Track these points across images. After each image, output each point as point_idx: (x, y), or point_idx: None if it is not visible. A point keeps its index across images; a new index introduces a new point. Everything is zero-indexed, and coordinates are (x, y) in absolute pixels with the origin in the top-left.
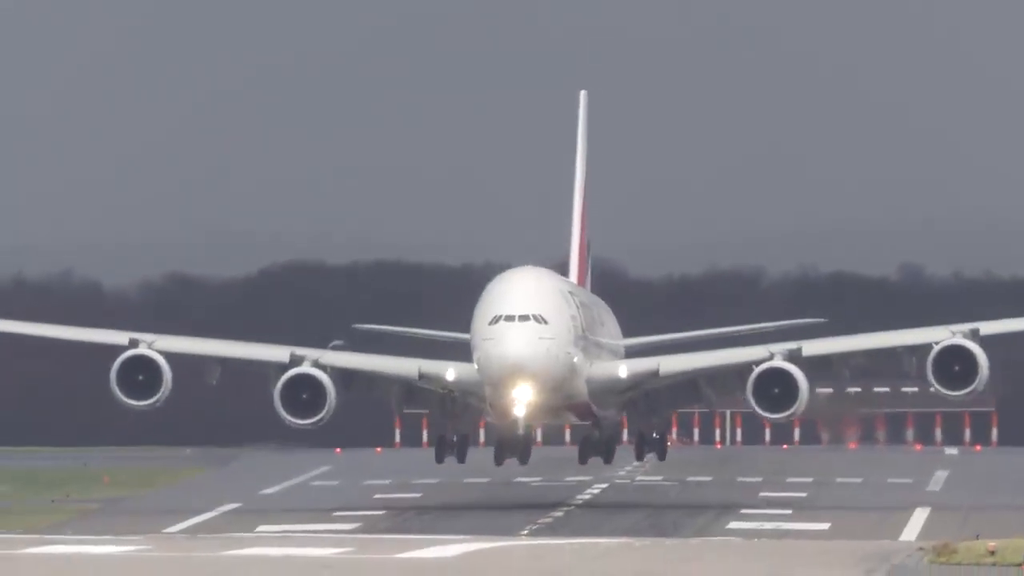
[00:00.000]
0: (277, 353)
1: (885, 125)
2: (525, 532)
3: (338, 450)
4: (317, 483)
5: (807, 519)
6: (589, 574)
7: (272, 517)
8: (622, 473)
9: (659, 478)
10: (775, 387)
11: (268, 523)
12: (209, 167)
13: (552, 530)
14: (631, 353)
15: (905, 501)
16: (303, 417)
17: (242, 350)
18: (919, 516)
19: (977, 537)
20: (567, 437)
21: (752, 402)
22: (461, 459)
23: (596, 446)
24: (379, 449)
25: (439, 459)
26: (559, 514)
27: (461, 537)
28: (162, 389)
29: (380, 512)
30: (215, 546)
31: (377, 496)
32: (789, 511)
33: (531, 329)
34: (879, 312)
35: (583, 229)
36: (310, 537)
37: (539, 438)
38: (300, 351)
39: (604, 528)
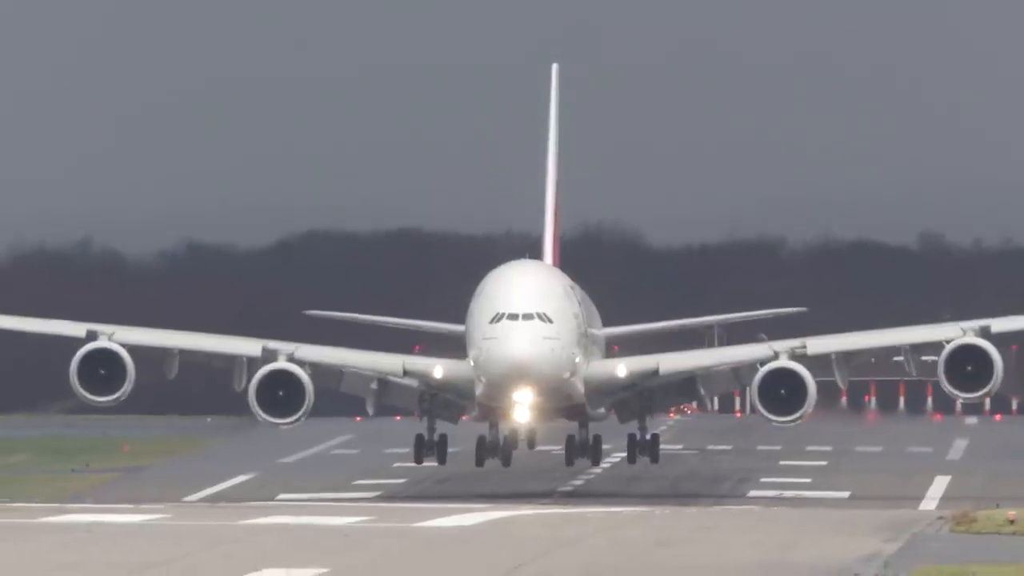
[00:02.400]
0: (248, 346)
1: (904, 92)
2: (546, 501)
3: (358, 418)
4: (337, 452)
5: (827, 488)
6: (610, 542)
7: (292, 486)
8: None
9: (679, 447)
10: (781, 388)
11: (288, 492)
12: (228, 136)
13: (572, 498)
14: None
15: (925, 470)
16: (280, 416)
17: (210, 342)
18: (939, 485)
19: (997, 506)
20: None
21: (758, 404)
22: (442, 460)
23: (583, 447)
24: (398, 417)
25: (418, 460)
26: (579, 482)
27: (481, 506)
28: (125, 383)
29: (400, 481)
30: (235, 515)
31: (397, 465)
32: (809, 480)
33: (536, 329)
34: (899, 281)
35: (557, 208)
36: (330, 506)
37: None
38: (273, 344)
39: (625, 497)
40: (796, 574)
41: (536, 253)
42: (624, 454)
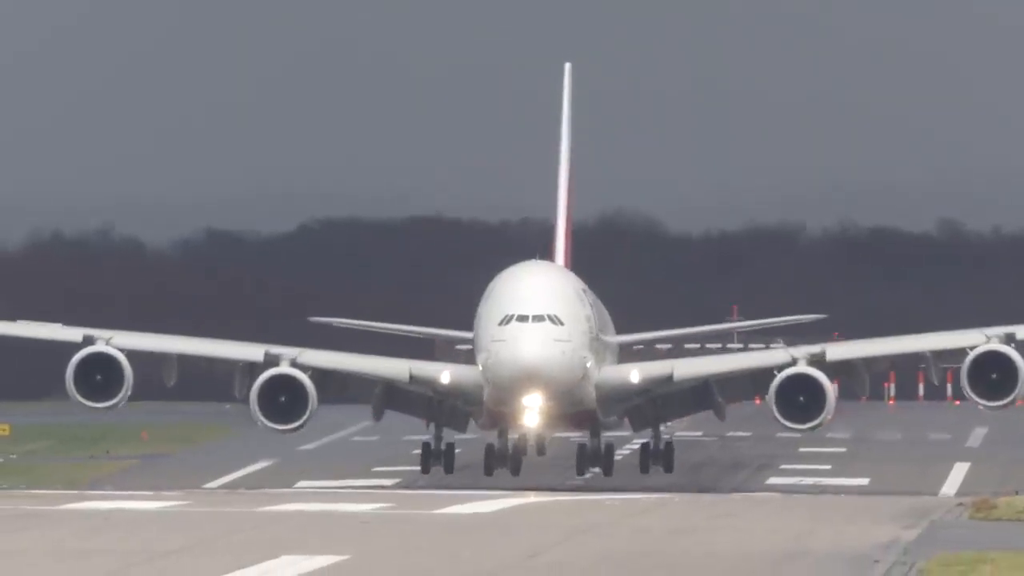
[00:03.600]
0: (250, 351)
1: (923, 78)
2: (565, 488)
3: None
4: (357, 439)
5: (846, 474)
6: (629, 530)
7: (311, 473)
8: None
9: (699, 434)
10: (799, 395)
11: (307, 479)
12: (246, 124)
13: (592, 486)
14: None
15: (944, 456)
16: (282, 422)
17: (210, 347)
18: (958, 471)
19: (1016, 493)
20: None
21: (774, 411)
22: (449, 469)
23: (594, 457)
24: None
25: (424, 469)
26: (598, 469)
27: (500, 493)
28: (124, 388)
29: (419, 468)
30: (254, 502)
31: (416, 452)
32: (829, 466)
33: (546, 331)
34: (918, 267)
35: (569, 210)
36: (349, 493)
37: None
38: (275, 349)
39: (644, 484)
40: (815, 561)
41: (549, 246)
42: (639, 441)
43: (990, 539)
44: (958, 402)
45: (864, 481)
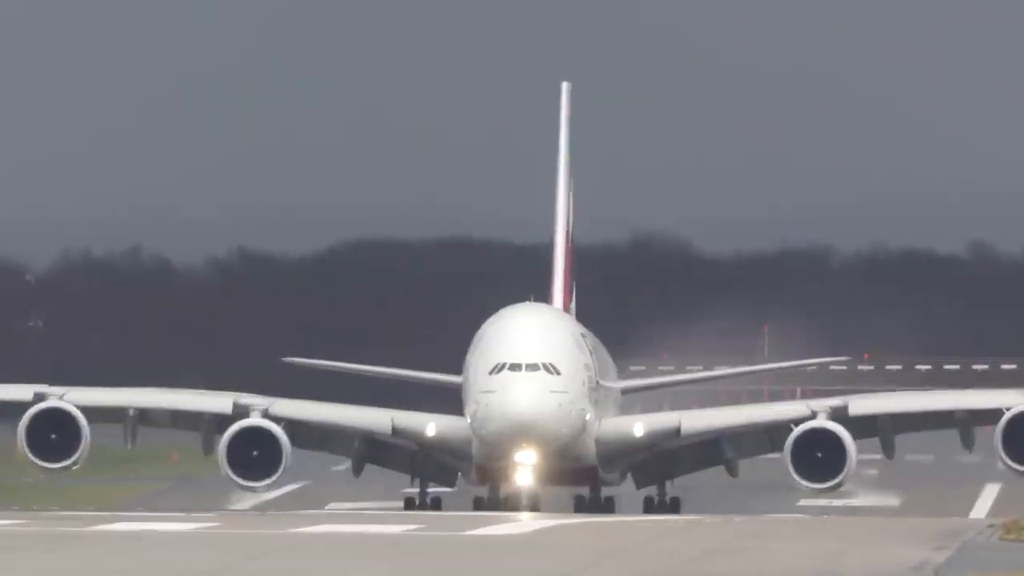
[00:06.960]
0: (218, 402)
1: (952, 99)
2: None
3: None
4: None
5: (877, 496)
6: (660, 551)
7: (342, 494)
8: None
9: None
10: (817, 451)
11: (338, 500)
12: (278, 144)
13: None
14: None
15: (975, 478)
16: (254, 478)
17: (173, 399)
18: (989, 493)
19: None
20: None
21: (790, 468)
22: None
23: (592, 509)
24: None
25: None
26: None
27: (531, 514)
28: (81, 446)
29: (448, 490)
30: (285, 523)
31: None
32: (858, 488)
33: (541, 381)
34: (949, 289)
35: (568, 238)
36: (380, 514)
37: None
38: (245, 399)
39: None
40: None
41: (548, 279)
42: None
43: (1021, 561)
44: (989, 425)
45: (895, 502)
